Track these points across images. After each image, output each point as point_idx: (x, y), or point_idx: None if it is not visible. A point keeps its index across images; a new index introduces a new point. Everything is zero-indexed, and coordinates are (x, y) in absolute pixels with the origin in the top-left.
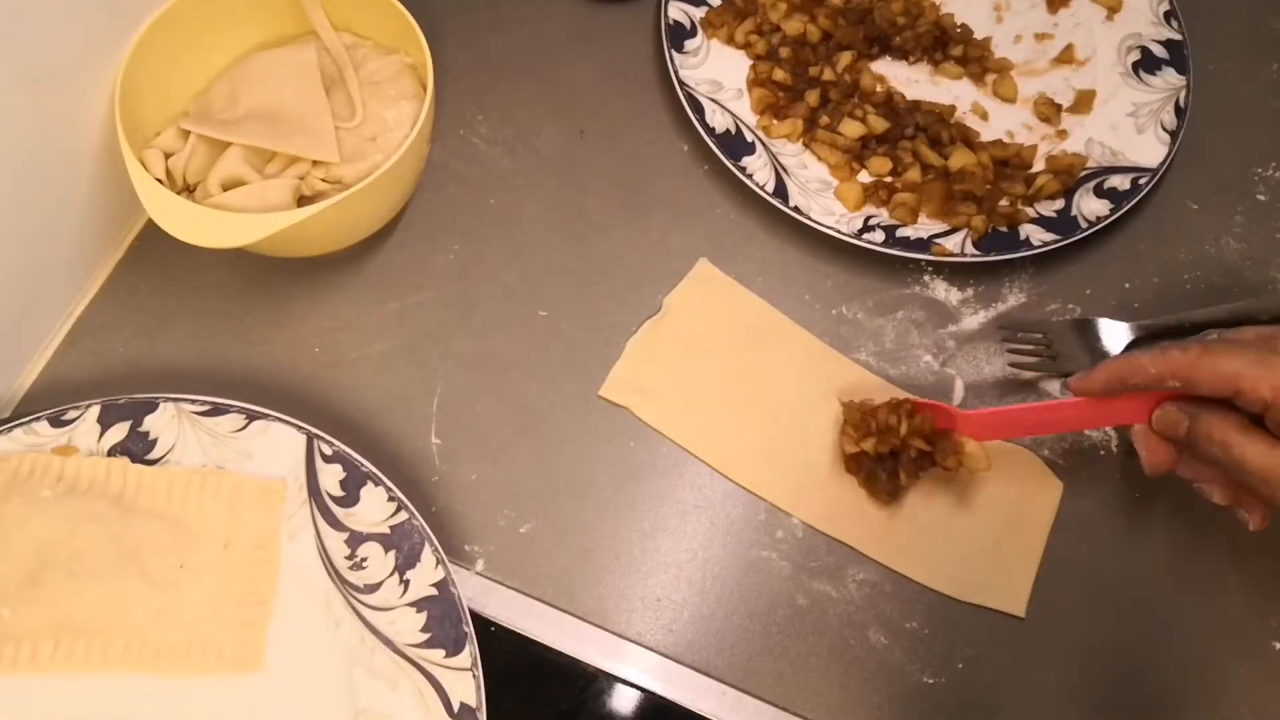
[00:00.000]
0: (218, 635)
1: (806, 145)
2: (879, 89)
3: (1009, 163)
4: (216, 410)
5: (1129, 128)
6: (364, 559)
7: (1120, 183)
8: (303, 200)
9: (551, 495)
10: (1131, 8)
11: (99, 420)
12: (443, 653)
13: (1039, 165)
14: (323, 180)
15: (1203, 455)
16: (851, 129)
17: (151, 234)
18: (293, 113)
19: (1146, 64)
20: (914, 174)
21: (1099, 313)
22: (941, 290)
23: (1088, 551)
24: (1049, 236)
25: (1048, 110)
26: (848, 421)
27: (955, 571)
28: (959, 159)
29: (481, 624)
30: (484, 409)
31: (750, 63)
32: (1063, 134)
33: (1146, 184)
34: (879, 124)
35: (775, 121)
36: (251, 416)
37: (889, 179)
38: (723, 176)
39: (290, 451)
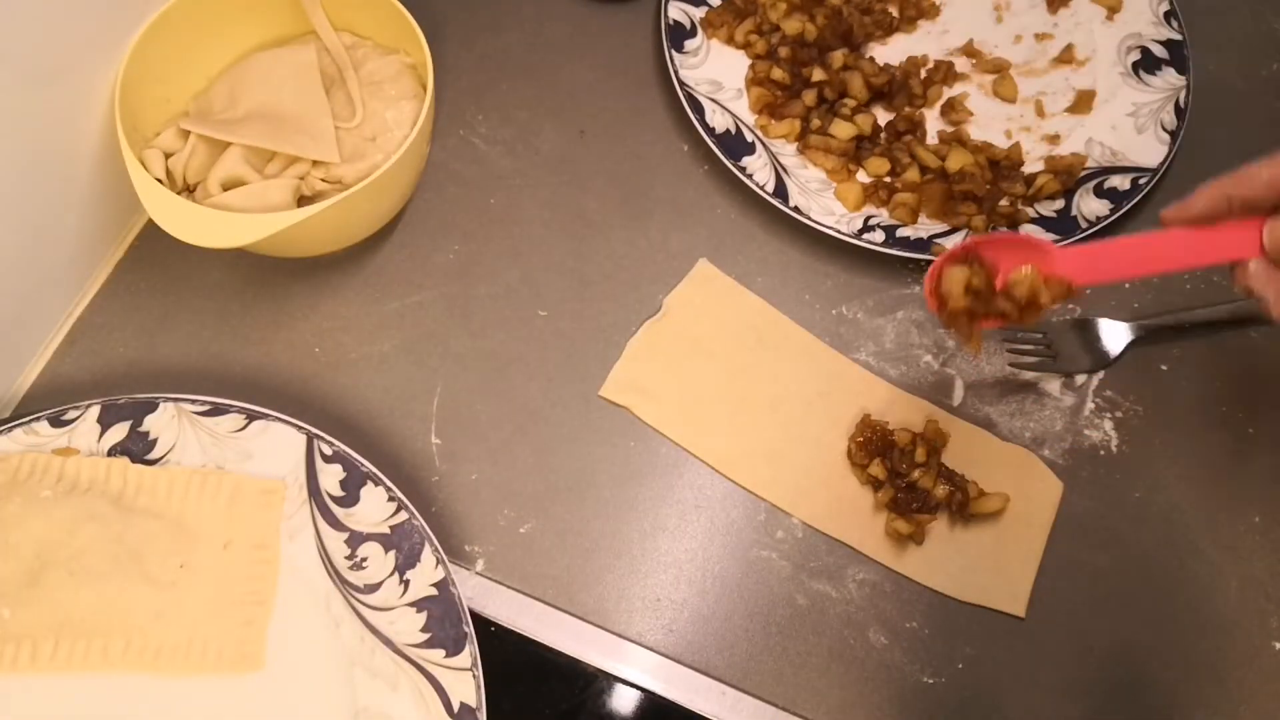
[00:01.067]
0: (218, 635)
1: (801, 151)
2: (875, 80)
3: (1000, 163)
4: (216, 410)
5: (1129, 128)
6: (364, 559)
7: (1120, 183)
8: (303, 200)
9: (551, 495)
10: (1131, 8)
11: (99, 420)
12: (443, 653)
13: (1039, 165)
14: (323, 180)
15: None
16: (843, 130)
17: (151, 234)
18: (293, 113)
19: (1146, 64)
20: (913, 174)
21: (1099, 313)
22: None
23: (1088, 551)
24: (1049, 236)
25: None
26: (854, 439)
27: (955, 571)
28: (957, 159)
29: (481, 624)
30: (484, 409)
31: (750, 62)
32: (1054, 139)
33: (1146, 184)
34: (867, 123)
35: (773, 121)
36: (251, 416)
37: (888, 179)
38: (723, 176)
39: (290, 451)
